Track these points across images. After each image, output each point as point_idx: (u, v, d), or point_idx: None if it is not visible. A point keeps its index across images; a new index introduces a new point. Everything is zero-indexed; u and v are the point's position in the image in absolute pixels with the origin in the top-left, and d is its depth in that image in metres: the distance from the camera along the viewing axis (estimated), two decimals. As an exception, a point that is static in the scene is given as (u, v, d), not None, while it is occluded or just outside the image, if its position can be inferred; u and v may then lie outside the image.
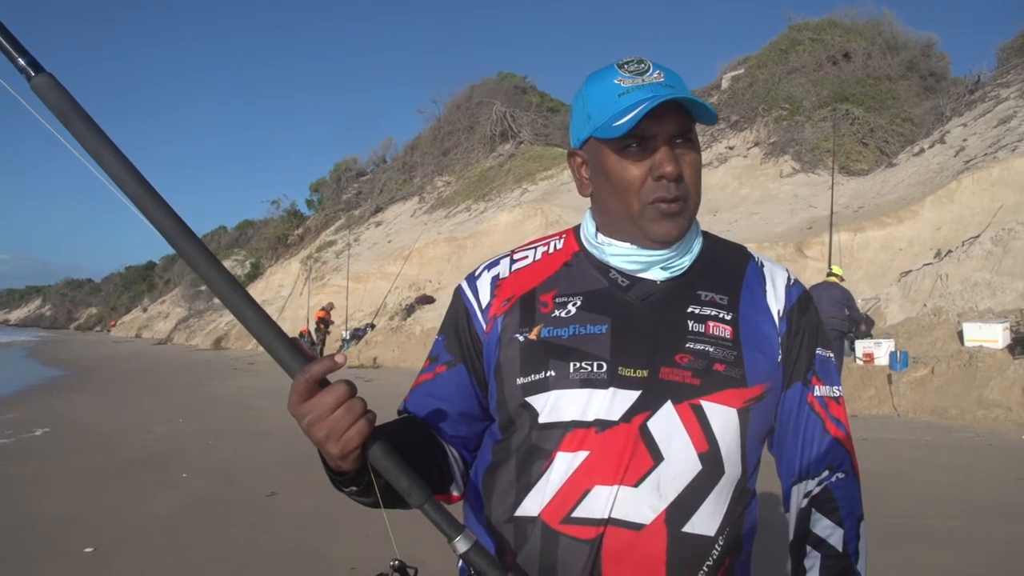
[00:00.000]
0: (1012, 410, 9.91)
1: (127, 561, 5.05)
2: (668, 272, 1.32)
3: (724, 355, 1.27)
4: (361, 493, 1.16)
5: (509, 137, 35.92)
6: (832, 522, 1.31)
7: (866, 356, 12.13)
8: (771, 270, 1.41)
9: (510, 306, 1.34)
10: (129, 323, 63.39)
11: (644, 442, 1.21)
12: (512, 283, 1.37)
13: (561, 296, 1.33)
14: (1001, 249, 13.48)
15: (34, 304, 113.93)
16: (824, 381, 1.36)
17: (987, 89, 20.65)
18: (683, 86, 1.28)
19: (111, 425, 11.35)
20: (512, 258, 1.43)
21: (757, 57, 27.76)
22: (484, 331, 1.34)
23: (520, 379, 1.28)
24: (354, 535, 5.24)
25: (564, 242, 1.42)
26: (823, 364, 1.36)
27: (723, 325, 1.30)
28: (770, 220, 19.41)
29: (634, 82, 1.26)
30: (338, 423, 1.04)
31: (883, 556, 4.90)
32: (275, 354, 1.07)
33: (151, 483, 7.38)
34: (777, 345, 1.33)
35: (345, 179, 45.76)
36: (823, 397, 1.35)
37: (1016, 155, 15.59)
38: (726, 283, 1.36)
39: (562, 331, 1.29)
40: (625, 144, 1.26)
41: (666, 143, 1.25)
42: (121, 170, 1.05)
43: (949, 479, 7.02)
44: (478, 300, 1.37)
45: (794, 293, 1.39)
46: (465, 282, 1.42)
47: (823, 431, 1.34)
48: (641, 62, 1.29)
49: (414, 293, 26.96)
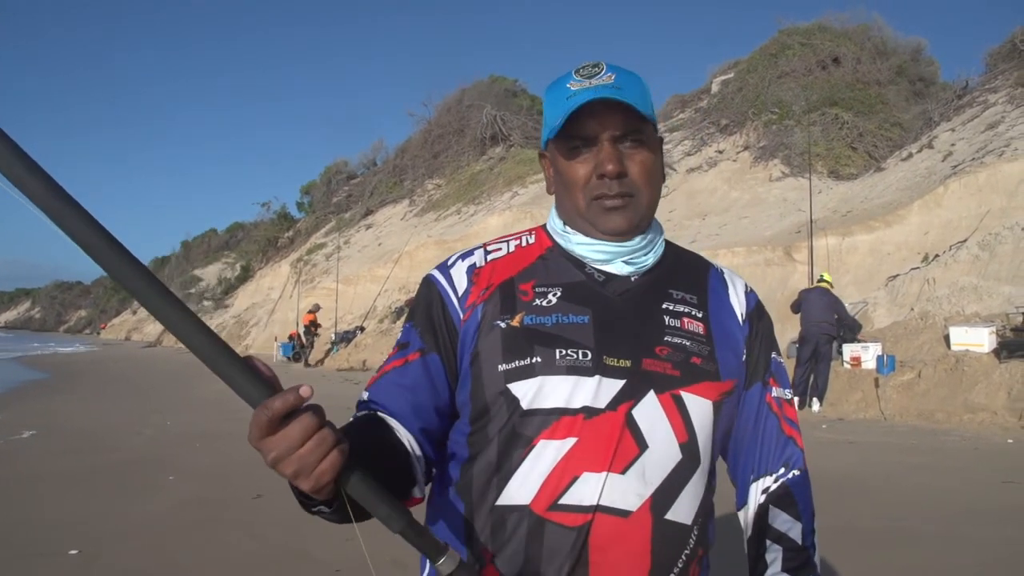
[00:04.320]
0: (998, 414, 9.97)
1: (111, 563, 5.02)
2: (632, 267, 1.35)
3: (699, 349, 1.32)
4: (333, 514, 1.06)
5: (499, 140, 35.99)
6: (791, 516, 1.35)
7: (853, 360, 12.18)
8: (730, 276, 1.48)
9: (489, 294, 1.34)
10: (119, 325, 63.17)
11: (630, 430, 1.23)
12: (490, 272, 1.37)
13: (540, 286, 1.34)
14: (988, 254, 13.57)
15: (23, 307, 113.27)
16: (779, 383, 1.42)
17: (975, 94, 20.79)
18: (635, 88, 1.30)
19: (99, 427, 11.29)
20: (486, 249, 1.43)
21: (747, 61, 27.87)
22: (461, 319, 1.33)
23: (502, 365, 1.27)
24: (339, 538, 5.22)
25: (536, 237, 1.44)
26: (778, 367, 1.43)
27: (696, 322, 1.35)
28: (759, 224, 19.46)
29: (582, 85, 1.29)
30: (307, 458, 0.93)
31: (868, 558, 4.92)
32: (228, 381, 0.94)
33: (138, 485, 7.35)
34: (742, 344, 1.40)
35: (336, 182, 45.74)
36: (779, 398, 1.41)
37: (1003, 160, 15.69)
38: (694, 284, 1.41)
39: (545, 319, 1.30)
40: (572, 145, 1.31)
41: (610, 142, 1.28)
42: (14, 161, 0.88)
43: (935, 482, 7.05)
44: (454, 288, 1.36)
45: (752, 299, 1.46)
46: (437, 271, 1.41)
47: (780, 430, 1.39)
48: (596, 66, 1.32)
49: (404, 296, 26.93)
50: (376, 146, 46.35)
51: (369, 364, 22.11)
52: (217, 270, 51.34)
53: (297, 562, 5.02)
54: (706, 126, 26.66)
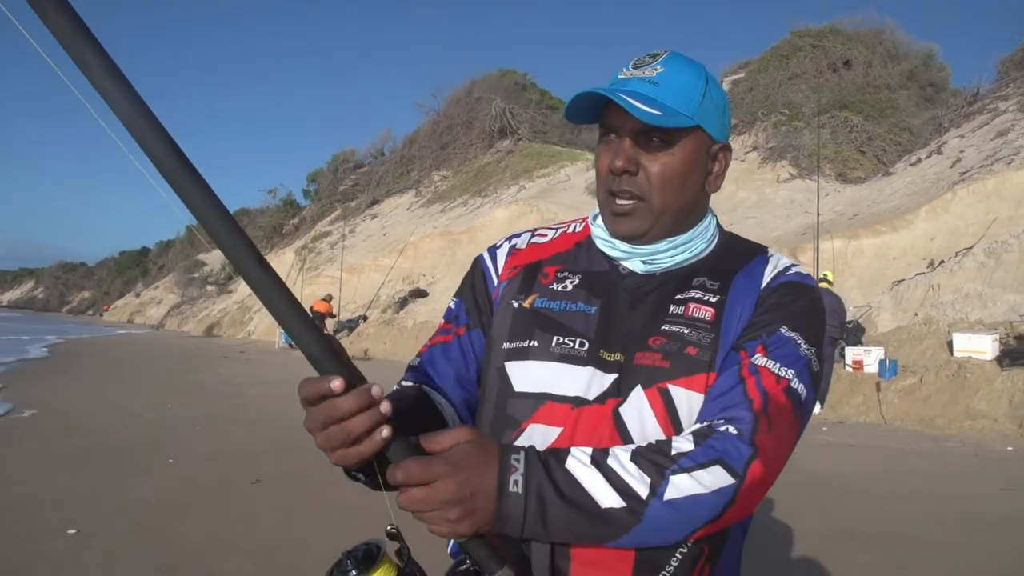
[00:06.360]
0: (999, 421, 9.96)
1: (108, 543, 5.04)
2: (652, 267, 1.31)
3: (699, 338, 1.22)
4: (369, 481, 1.10)
5: (508, 134, 35.95)
6: (689, 437, 1.12)
7: (855, 363, 12.17)
8: (778, 258, 1.34)
9: (515, 274, 1.38)
10: (122, 308, 63.27)
11: (616, 426, 1.20)
12: (526, 254, 1.41)
13: (564, 271, 1.35)
14: (994, 261, 13.54)
15: (27, 286, 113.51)
16: (771, 356, 1.19)
17: (986, 101, 20.72)
18: (677, 88, 1.25)
19: (99, 409, 11.33)
20: (534, 233, 1.47)
21: (758, 62, 27.83)
22: (495, 295, 1.38)
23: (507, 344, 1.30)
24: (338, 523, 5.25)
25: (584, 225, 1.44)
26: (780, 340, 1.21)
27: (705, 307, 1.26)
28: (766, 225, 19.43)
29: (626, 74, 1.27)
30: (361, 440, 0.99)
31: (865, 562, 4.93)
32: (304, 348, 0.97)
33: (137, 467, 7.37)
34: (750, 319, 1.25)
35: (342, 170, 45.69)
36: (760, 366, 1.18)
37: (1012, 168, 15.65)
38: (725, 270, 1.31)
39: (554, 304, 1.31)
40: (603, 133, 1.29)
41: (630, 137, 1.24)
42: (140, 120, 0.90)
43: (934, 487, 7.05)
44: (495, 266, 1.41)
45: (787, 276, 1.29)
46: (486, 251, 1.45)
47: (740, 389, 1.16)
48: (653, 56, 1.28)
49: (408, 286, 26.98)
50: (384, 136, 46.31)
51: (372, 353, 22.11)
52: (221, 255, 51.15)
53: (296, 548, 5.03)
54: (715, 125, 26.56)
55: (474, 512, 1.00)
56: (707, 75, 1.29)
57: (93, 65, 0.88)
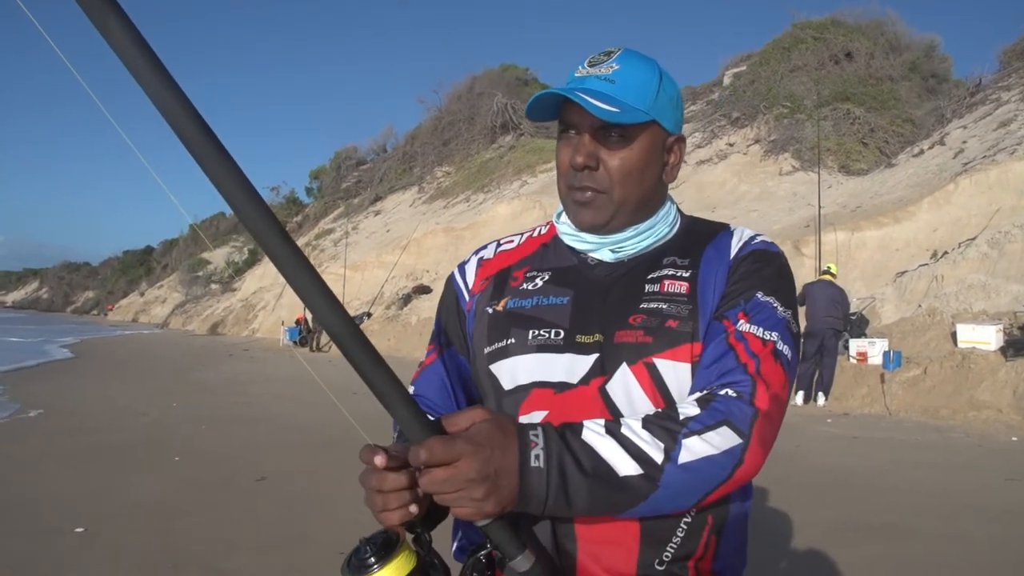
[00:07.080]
0: (1003, 412, 9.96)
1: (116, 541, 5.06)
2: (619, 255, 1.35)
3: (677, 311, 1.26)
4: None
5: (510, 129, 35.90)
6: (693, 402, 1.15)
7: (860, 355, 12.17)
8: (742, 230, 1.38)
9: (487, 284, 1.42)
10: (126, 307, 63.36)
11: (605, 403, 1.22)
12: (494, 263, 1.45)
13: (532, 272, 1.40)
14: (997, 252, 13.51)
15: (31, 286, 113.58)
16: (753, 320, 1.22)
17: (988, 92, 20.66)
18: (634, 84, 1.28)
19: (105, 408, 11.36)
20: (499, 242, 1.51)
21: (760, 54, 27.78)
22: (467, 310, 1.42)
23: (487, 348, 1.34)
24: (344, 520, 5.26)
25: (548, 228, 1.48)
26: (759, 306, 1.24)
27: (679, 282, 1.30)
28: (768, 217, 19.41)
29: (582, 72, 1.31)
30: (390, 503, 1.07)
31: (870, 553, 4.94)
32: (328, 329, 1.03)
33: (143, 466, 7.40)
34: (725, 288, 1.29)
35: (345, 167, 45.72)
36: (743, 332, 1.21)
37: (1015, 159, 15.61)
38: (692, 248, 1.35)
39: (526, 302, 1.35)
40: (562, 130, 1.32)
41: (589, 133, 1.28)
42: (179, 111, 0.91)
43: (938, 478, 7.05)
44: (465, 282, 1.45)
45: (753, 245, 1.33)
46: (456, 269, 1.49)
47: (732, 356, 1.20)
48: (607, 54, 1.31)
49: (411, 283, 26.97)
50: (386, 132, 46.39)
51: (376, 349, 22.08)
52: (225, 253, 51.40)
53: (301, 544, 5.05)
54: (717, 119, 26.61)
55: (498, 489, 1.01)
56: (660, 71, 1.33)
57: (116, 32, 0.88)
